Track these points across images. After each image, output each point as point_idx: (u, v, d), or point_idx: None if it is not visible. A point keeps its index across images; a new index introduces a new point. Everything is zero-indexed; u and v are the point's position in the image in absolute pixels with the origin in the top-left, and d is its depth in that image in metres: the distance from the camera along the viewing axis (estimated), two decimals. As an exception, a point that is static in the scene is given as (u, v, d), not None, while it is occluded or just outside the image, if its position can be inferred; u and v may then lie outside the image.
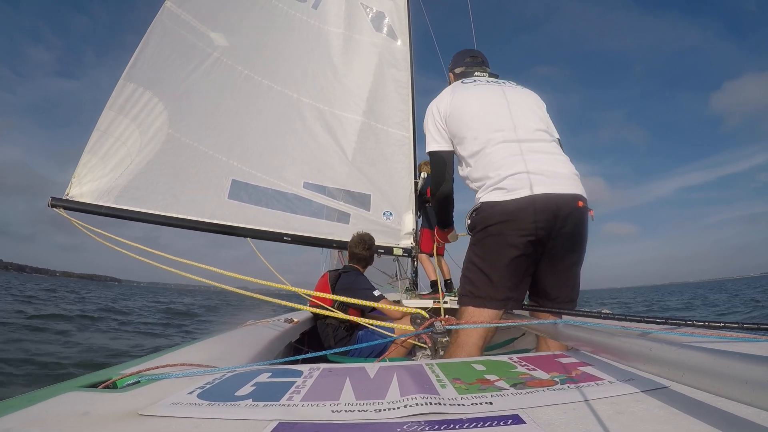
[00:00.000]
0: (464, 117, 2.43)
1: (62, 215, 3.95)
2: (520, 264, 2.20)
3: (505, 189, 2.20)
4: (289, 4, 5.64)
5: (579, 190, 2.26)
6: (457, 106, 2.48)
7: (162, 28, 4.65)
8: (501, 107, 2.41)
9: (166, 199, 4.40)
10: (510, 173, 2.21)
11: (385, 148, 5.85)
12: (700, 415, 0.79)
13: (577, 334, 1.42)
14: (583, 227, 2.27)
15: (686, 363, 0.82)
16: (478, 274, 2.28)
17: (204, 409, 0.92)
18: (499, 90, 2.52)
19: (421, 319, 1.67)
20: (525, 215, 2.14)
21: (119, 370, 1.31)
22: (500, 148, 2.29)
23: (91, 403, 0.98)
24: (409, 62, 6.22)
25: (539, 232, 2.15)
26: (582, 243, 2.31)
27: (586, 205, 2.28)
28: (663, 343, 0.95)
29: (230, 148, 4.90)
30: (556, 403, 0.91)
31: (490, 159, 2.29)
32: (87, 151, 4.19)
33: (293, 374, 1.21)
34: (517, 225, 2.15)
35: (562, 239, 2.21)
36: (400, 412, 0.88)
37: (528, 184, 2.17)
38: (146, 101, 4.45)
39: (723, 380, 0.71)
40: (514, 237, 2.16)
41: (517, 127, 2.34)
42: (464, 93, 2.54)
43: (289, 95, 5.44)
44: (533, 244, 2.18)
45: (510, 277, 2.21)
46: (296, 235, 5.04)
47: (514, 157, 2.25)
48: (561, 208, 2.17)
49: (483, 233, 2.28)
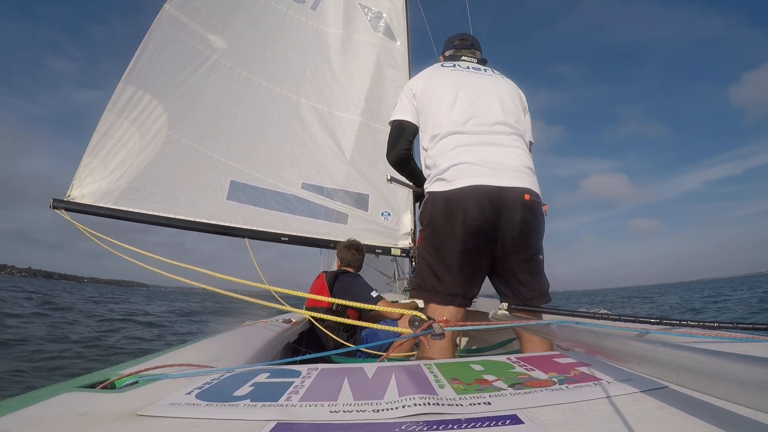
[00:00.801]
0: (432, 101, 2.41)
1: (64, 217, 3.96)
2: (465, 258, 2.17)
3: (446, 180, 2.19)
4: (287, 5, 5.66)
5: (527, 184, 2.21)
6: (427, 87, 2.46)
7: (161, 30, 4.68)
8: (466, 97, 2.37)
9: (166, 200, 4.42)
10: (453, 164, 2.19)
11: (384, 149, 5.81)
12: (699, 415, 0.79)
13: (572, 336, 1.42)
14: (532, 222, 2.21)
15: (681, 364, 0.82)
16: (425, 267, 2.27)
17: (202, 410, 0.92)
18: (473, 78, 2.48)
19: (419, 322, 1.67)
20: (464, 206, 2.11)
21: (117, 370, 1.31)
22: (452, 139, 2.27)
23: (90, 404, 0.98)
24: (407, 62, 6.23)
25: (481, 224, 2.11)
26: (532, 237, 2.25)
27: (536, 199, 2.24)
28: (658, 344, 0.95)
29: (229, 150, 4.92)
30: (555, 403, 0.91)
31: (439, 149, 2.28)
32: (88, 153, 4.22)
33: (291, 374, 1.21)
34: (457, 217, 2.12)
35: (512, 234, 2.16)
36: (399, 412, 0.88)
37: (470, 174, 2.15)
38: (146, 104, 4.47)
39: (718, 381, 0.72)
40: (456, 229, 2.13)
41: (476, 117, 2.31)
42: (437, 75, 2.51)
43: (287, 96, 5.45)
44: (478, 238, 2.15)
45: (456, 272, 2.17)
46: (294, 235, 5.05)
47: (461, 148, 2.23)
48: (504, 201, 2.12)
49: (428, 226, 2.27)
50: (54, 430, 0.84)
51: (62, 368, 6.82)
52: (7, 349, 7.75)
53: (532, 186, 2.24)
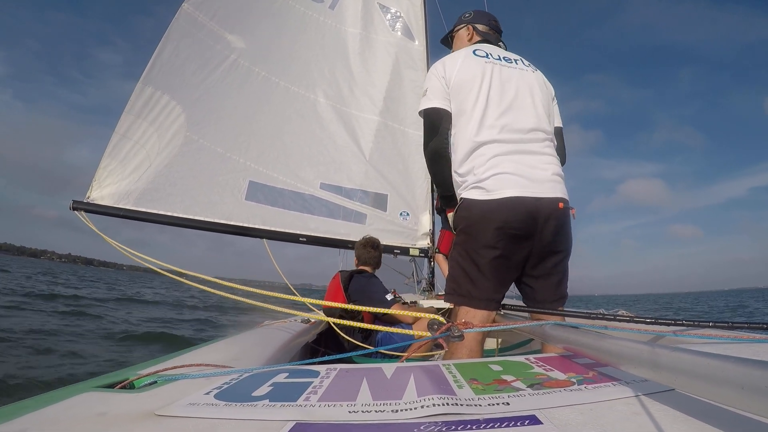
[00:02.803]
0: (468, 100, 2.36)
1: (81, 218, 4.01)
2: (501, 265, 2.20)
3: (485, 189, 2.20)
4: (305, 4, 5.67)
5: (560, 193, 2.25)
6: (462, 79, 2.39)
7: (179, 31, 4.71)
8: (502, 99, 2.35)
9: (185, 201, 4.44)
10: (493, 173, 2.20)
11: (402, 148, 5.85)
12: (715, 417, 0.78)
13: (566, 336, 1.41)
14: (565, 227, 2.27)
15: (680, 367, 0.82)
16: (461, 273, 2.28)
17: (221, 410, 0.92)
18: (506, 74, 2.44)
19: (438, 325, 1.67)
20: (503, 217, 2.14)
21: (136, 370, 1.32)
22: (490, 147, 2.26)
23: (108, 404, 0.99)
24: (425, 62, 6.21)
25: (518, 233, 2.15)
26: (564, 242, 2.31)
27: (568, 206, 2.28)
28: (656, 346, 0.94)
29: (247, 150, 4.94)
30: (573, 403, 0.90)
31: (477, 156, 2.27)
32: (107, 155, 4.26)
33: (310, 375, 1.21)
34: (495, 226, 2.14)
35: (545, 241, 2.20)
36: (417, 412, 0.88)
37: (509, 185, 2.17)
38: (164, 104, 4.51)
39: (717, 385, 0.71)
40: (493, 238, 2.15)
41: (512, 123, 2.31)
42: (471, 67, 2.42)
43: (306, 96, 5.46)
44: (514, 246, 2.18)
45: (491, 278, 2.20)
46: (312, 236, 5.06)
47: (500, 157, 2.23)
48: (541, 211, 2.16)
49: (464, 233, 2.28)
50: (72, 430, 0.84)
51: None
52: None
53: (564, 194, 2.28)
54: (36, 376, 5.71)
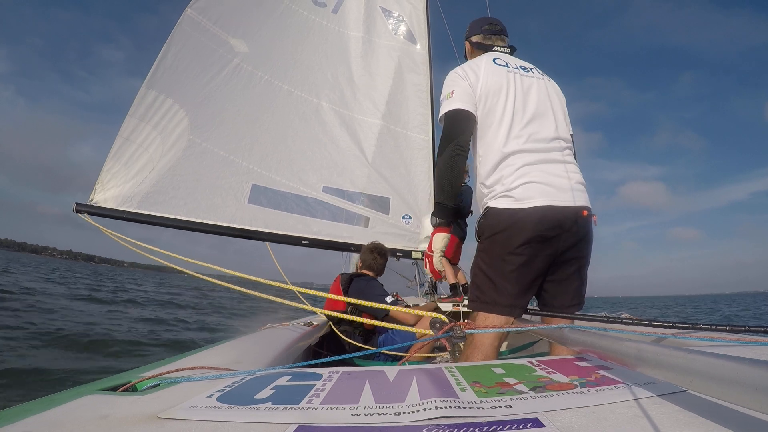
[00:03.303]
0: (496, 108, 2.36)
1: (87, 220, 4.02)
2: (525, 272, 2.22)
3: (513, 197, 2.22)
4: (308, 8, 5.68)
5: (584, 201, 2.27)
6: (488, 86, 2.37)
7: (183, 35, 4.72)
8: (526, 109, 2.37)
9: (188, 204, 4.45)
10: (521, 182, 2.22)
11: (405, 152, 5.85)
12: (720, 419, 0.78)
13: (583, 339, 1.41)
14: (588, 235, 2.30)
15: (695, 369, 0.81)
16: (485, 280, 2.30)
17: (223, 413, 0.93)
18: (526, 84, 2.44)
19: (441, 324, 1.67)
20: (530, 225, 2.16)
21: (139, 373, 1.32)
22: (518, 157, 2.28)
23: (111, 407, 0.99)
24: (428, 66, 6.21)
25: (545, 242, 2.18)
26: (586, 249, 2.34)
27: (590, 213, 2.30)
28: (671, 348, 0.94)
29: (250, 153, 4.94)
30: (576, 406, 0.90)
31: (505, 166, 2.29)
32: (110, 158, 4.27)
33: (313, 377, 1.21)
34: (523, 234, 2.17)
35: (569, 249, 2.24)
36: (420, 415, 0.88)
37: (536, 194, 2.19)
38: (168, 108, 4.52)
39: (732, 386, 0.71)
40: (520, 246, 2.18)
41: (536, 133, 2.33)
42: (494, 75, 2.41)
43: (309, 99, 5.46)
44: (539, 254, 2.20)
45: (515, 285, 2.22)
46: (315, 239, 5.05)
47: (528, 167, 2.25)
48: (566, 219, 2.19)
49: (489, 240, 2.29)
50: None
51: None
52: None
53: (587, 201, 2.30)
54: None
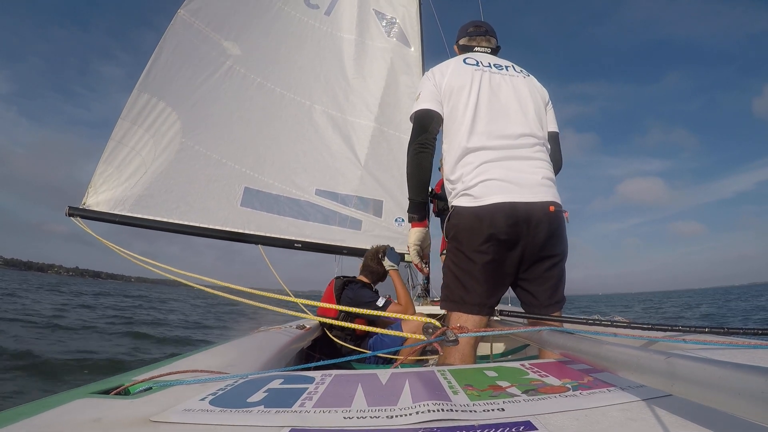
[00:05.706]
0: (458, 108, 2.39)
1: (79, 224, 3.99)
2: (491, 270, 2.21)
3: (473, 196, 2.22)
4: (301, 11, 5.68)
5: (550, 197, 2.26)
6: (451, 86, 2.42)
7: (175, 37, 4.70)
8: (491, 107, 2.38)
9: (180, 207, 4.44)
10: (480, 180, 2.22)
11: (398, 154, 5.84)
12: (711, 423, 0.78)
13: (563, 342, 1.42)
14: (557, 231, 2.28)
15: (676, 373, 0.82)
16: (453, 279, 2.31)
17: (216, 416, 0.92)
18: (495, 82, 2.46)
19: (433, 329, 1.67)
20: (492, 222, 2.16)
21: (131, 376, 1.31)
22: (478, 155, 2.29)
23: (103, 410, 0.99)
24: (421, 68, 6.22)
25: (509, 238, 2.17)
26: (558, 246, 2.31)
27: (559, 209, 2.29)
28: (651, 352, 0.95)
29: (243, 156, 4.93)
30: (568, 409, 0.91)
31: (465, 164, 2.30)
32: (102, 161, 4.25)
33: (305, 380, 1.21)
34: (485, 232, 2.16)
35: (537, 245, 2.22)
36: (412, 418, 0.88)
37: (497, 191, 2.19)
38: (160, 111, 4.50)
39: (713, 390, 0.71)
40: (483, 243, 2.17)
41: (501, 130, 2.33)
42: (461, 75, 2.45)
43: (301, 102, 5.47)
44: (505, 251, 2.20)
45: (482, 284, 2.22)
46: (307, 242, 5.04)
47: (488, 164, 2.26)
48: (531, 216, 2.18)
49: (455, 239, 2.31)
50: None
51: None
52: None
53: (555, 197, 2.29)
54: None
